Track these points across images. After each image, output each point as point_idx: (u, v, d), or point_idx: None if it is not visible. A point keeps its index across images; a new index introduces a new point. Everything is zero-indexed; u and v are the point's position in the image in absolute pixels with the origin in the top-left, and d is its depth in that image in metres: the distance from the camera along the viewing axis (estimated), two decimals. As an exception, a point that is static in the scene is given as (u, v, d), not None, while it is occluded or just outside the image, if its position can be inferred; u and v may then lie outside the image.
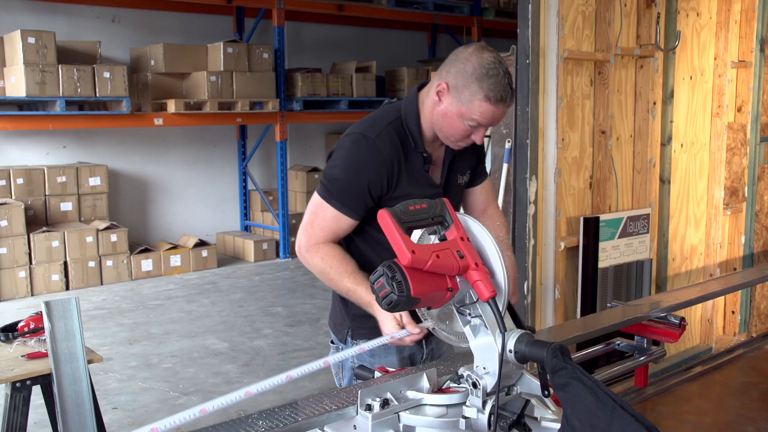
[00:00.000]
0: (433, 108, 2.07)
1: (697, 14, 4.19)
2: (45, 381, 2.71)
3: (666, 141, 4.08)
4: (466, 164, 2.29)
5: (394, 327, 1.90)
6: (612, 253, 3.78)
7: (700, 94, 4.31)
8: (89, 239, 7.40)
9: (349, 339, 2.27)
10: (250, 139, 9.40)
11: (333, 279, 2.06)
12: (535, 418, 1.52)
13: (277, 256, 8.77)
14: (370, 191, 2.06)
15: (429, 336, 2.23)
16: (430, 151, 2.15)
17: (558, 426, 1.42)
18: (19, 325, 2.73)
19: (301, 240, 2.13)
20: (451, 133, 2.07)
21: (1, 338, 2.68)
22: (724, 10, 4.30)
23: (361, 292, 1.99)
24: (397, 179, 2.07)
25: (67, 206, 7.61)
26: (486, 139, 5.89)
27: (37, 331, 2.68)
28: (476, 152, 2.33)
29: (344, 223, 2.09)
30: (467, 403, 1.49)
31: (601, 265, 3.71)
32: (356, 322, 2.22)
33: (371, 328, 2.04)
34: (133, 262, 7.75)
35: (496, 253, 1.52)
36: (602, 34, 3.65)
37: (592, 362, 3.19)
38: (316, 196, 2.15)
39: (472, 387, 1.48)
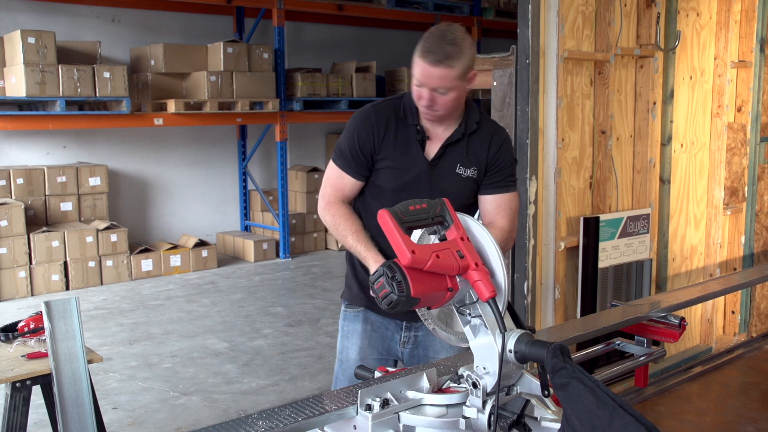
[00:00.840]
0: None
1: (697, 14, 4.19)
2: (45, 381, 2.71)
3: (666, 141, 4.08)
4: (473, 158, 2.31)
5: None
6: (612, 253, 3.78)
7: (700, 94, 4.31)
8: (89, 239, 7.40)
9: (342, 300, 2.56)
10: (250, 139, 9.40)
11: (341, 234, 2.31)
12: (535, 418, 1.52)
13: (277, 256, 8.76)
14: (360, 150, 2.31)
15: (411, 321, 2.38)
16: (429, 128, 2.31)
17: (558, 426, 1.42)
18: (19, 325, 2.72)
19: (320, 202, 2.40)
20: (414, 98, 2.23)
21: (1, 338, 2.68)
22: (724, 10, 4.30)
23: (359, 248, 2.24)
24: (382, 141, 2.30)
25: (67, 206, 7.60)
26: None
27: (37, 331, 2.68)
28: (489, 156, 2.32)
29: (347, 181, 2.35)
30: (467, 403, 1.49)
31: (601, 265, 3.71)
32: (345, 284, 2.53)
33: (350, 292, 2.47)
34: (133, 262, 7.74)
35: (496, 253, 1.52)
36: (602, 34, 3.65)
37: (592, 362, 3.20)
38: (330, 161, 2.42)
39: (472, 387, 1.48)
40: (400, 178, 2.30)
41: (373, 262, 2.16)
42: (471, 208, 2.36)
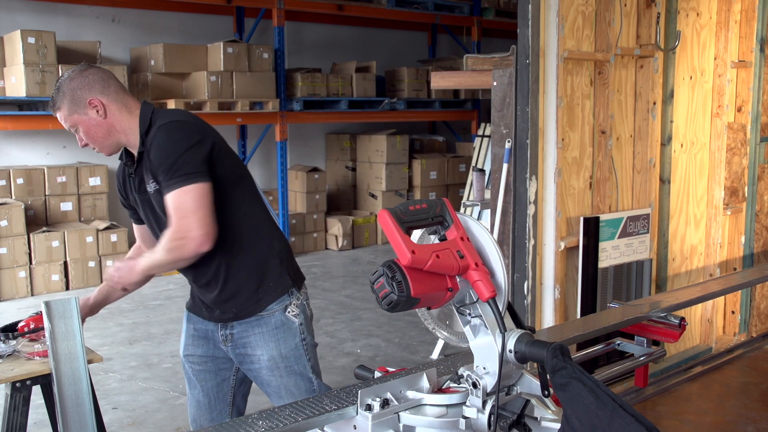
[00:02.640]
0: None
1: (697, 14, 4.19)
2: (45, 381, 2.71)
3: (666, 141, 4.08)
4: (147, 174, 2.37)
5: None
6: (612, 253, 3.78)
7: (700, 94, 4.31)
8: (89, 239, 7.40)
9: None
10: (250, 139, 9.39)
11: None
12: (535, 418, 1.52)
13: (277, 256, 8.77)
14: (120, 196, 2.63)
15: (226, 321, 2.47)
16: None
17: (558, 426, 1.42)
18: (19, 325, 2.73)
19: None
20: None
21: (1, 338, 2.68)
22: (724, 10, 4.30)
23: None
24: (122, 185, 2.57)
25: (67, 206, 7.60)
26: (486, 140, 5.89)
27: (37, 331, 2.68)
28: (153, 166, 2.31)
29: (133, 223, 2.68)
30: (467, 403, 1.49)
31: (601, 265, 3.71)
32: None
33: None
34: (133, 262, 7.74)
35: (496, 253, 1.52)
36: (602, 34, 3.65)
37: (592, 362, 3.20)
38: None
39: (472, 387, 1.48)
40: (136, 214, 2.56)
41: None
42: None
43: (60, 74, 6.87)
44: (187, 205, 2.22)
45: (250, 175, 2.52)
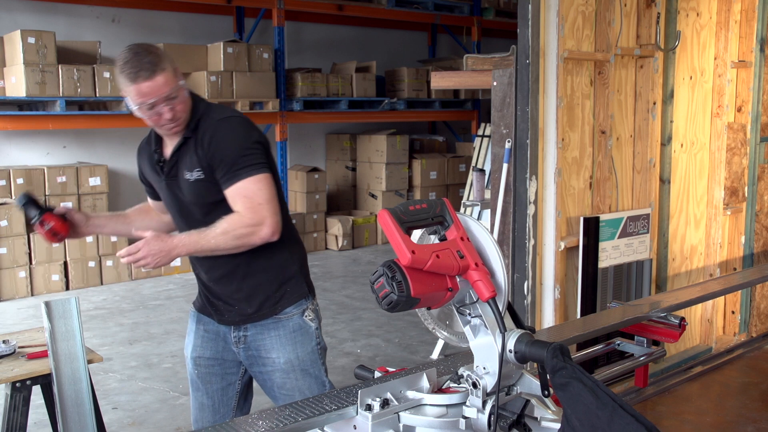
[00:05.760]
0: None
1: (697, 14, 4.19)
2: (45, 381, 2.71)
3: (666, 141, 4.08)
4: (194, 160, 2.34)
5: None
6: (612, 253, 3.78)
7: (700, 94, 4.31)
8: (89, 239, 7.40)
9: None
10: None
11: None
12: (535, 418, 1.52)
13: (277, 256, 8.78)
14: (140, 177, 2.62)
15: (240, 323, 2.44)
16: (168, 146, 2.42)
17: (558, 426, 1.42)
18: (45, 214, 2.48)
19: None
20: (150, 123, 2.33)
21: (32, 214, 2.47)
22: (724, 10, 4.30)
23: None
24: (143, 170, 2.56)
25: (67, 206, 7.60)
26: (486, 140, 5.89)
27: (54, 233, 2.48)
28: (207, 154, 2.32)
29: (149, 199, 2.69)
30: (467, 403, 1.49)
31: (601, 265, 3.71)
32: None
33: (196, 294, 2.60)
34: (133, 262, 7.74)
35: (496, 253, 1.52)
36: (602, 34, 3.65)
37: (592, 362, 3.20)
38: None
39: (472, 387, 1.48)
40: (159, 198, 2.56)
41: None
42: (218, 206, 2.33)
43: (60, 74, 6.88)
44: (262, 193, 2.27)
45: None
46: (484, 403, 1.46)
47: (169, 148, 2.41)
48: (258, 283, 2.41)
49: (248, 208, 2.25)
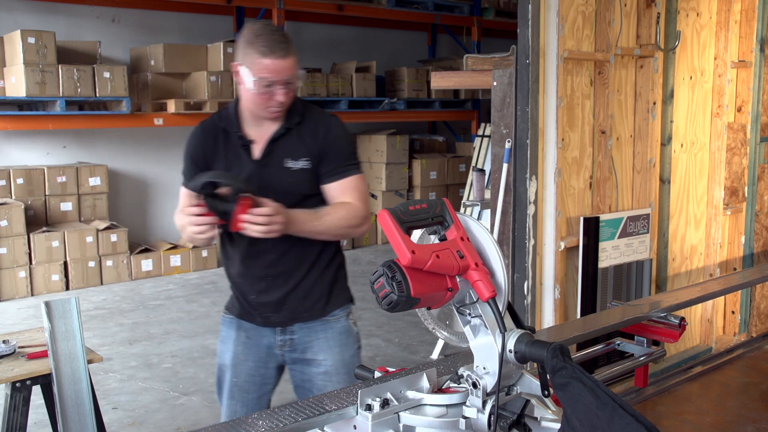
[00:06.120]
0: (240, 90, 2.32)
1: (697, 14, 4.19)
2: (45, 381, 2.71)
3: (666, 141, 4.08)
4: (302, 149, 2.34)
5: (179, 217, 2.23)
6: (612, 253, 3.78)
7: (700, 94, 4.31)
8: (89, 239, 7.40)
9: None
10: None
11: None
12: (535, 418, 1.52)
13: (277, 256, 8.77)
14: (196, 164, 2.37)
15: (287, 324, 2.42)
16: (254, 131, 2.36)
17: (558, 426, 1.42)
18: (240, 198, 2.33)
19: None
20: (257, 102, 2.27)
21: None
22: (724, 10, 4.30)
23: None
24: (214, 154, 2.36)
25: (67, 206, 7.60)
26: (486, 140, 5.89)
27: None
28: (321, 144, 2.35)
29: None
30: (467, 403, 1.49)
31: (601, 265, 3.71)
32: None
33: (229, 300, 2.51)
34: (133, 262, 7.75)
35: (496, 253, 1.52)
36: (602, 34, 3.65)
37: (592, 362, 3.19)
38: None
39: (472, 387, 1.48)
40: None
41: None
42: (312, 198, 2.36)
43: (60, 74, 6.88)
44: (365, 191, 2.39)
45: None
46: (484, 403, 1.46)
47: (255, 134, 2.36)
48: (314, 283, 2.42)
49: (358, 203, 2.33)
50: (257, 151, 2.35)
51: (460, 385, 1.53)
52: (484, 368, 1.49)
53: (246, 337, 2.48)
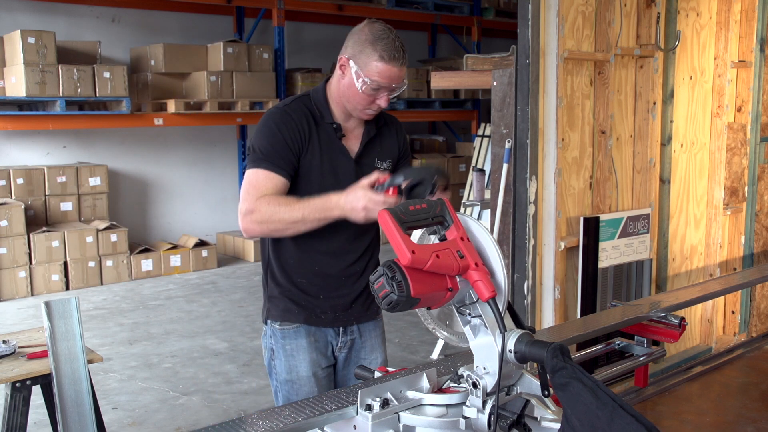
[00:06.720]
0: (339, 83, 2.26)
1: (697, 14, 4.19)
2: (45, 381, 2.71)
3: (666, 141, 4.08)
4: (387, 150, 2.40)
5: (361, 198, 2.07)
6: (612, 253, 3.78)
7: (700, 94, 4.31)
8: (89, 239, 7.40)
9: (268, 320, 2.43)
10: (250, 139, 9.41)
11: (283, 214, 2.16)
12: (535, 418, 1.52)
13: (277, 256, 8.77)
14: (290, 147, 2.23)
15: (347, 325, 2.40)
16: (343, 125, 2.33)
17: (558, 426, 1.42)
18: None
19: (242, 208, 2.22)
20: (357, 101, 2.23)
21: None
22: (724, 10, 4.30)
23: (316, 204, 2.13)
24: (308, 141, 2.26)
25: (67, 206, 7.60)
26: (486, 140, 5.89)
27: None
28: (399, 146, 2.45)
29: (278, 181, 2.21)
30: (467, 403, 1.49)
31: (601, 265, 3.71)
32: (271, 303, 2.41)
33: (282, 310, 2.35)
34: (133, 262, 7.75)
35: (496, 253, 1.52)
36: (602, 34, 3.65)
37: (592, 362, 3.19)
38: (247, 172, 2.27)
39: (472, 387, 1.48)
40: (329, 177, 2.28)
41: (337, 198, 2.12)
42: None
43: (60, 74, 6.88)
44: None
45: None
46: (484, 403, 1.46)
47: (347, 130, 2.34)
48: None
49: None
50: (350, 146, 2.34)
51: (460, 385, 1.53)
52: (484, 368, 1.48)
53: (315, 341, 2.40)
